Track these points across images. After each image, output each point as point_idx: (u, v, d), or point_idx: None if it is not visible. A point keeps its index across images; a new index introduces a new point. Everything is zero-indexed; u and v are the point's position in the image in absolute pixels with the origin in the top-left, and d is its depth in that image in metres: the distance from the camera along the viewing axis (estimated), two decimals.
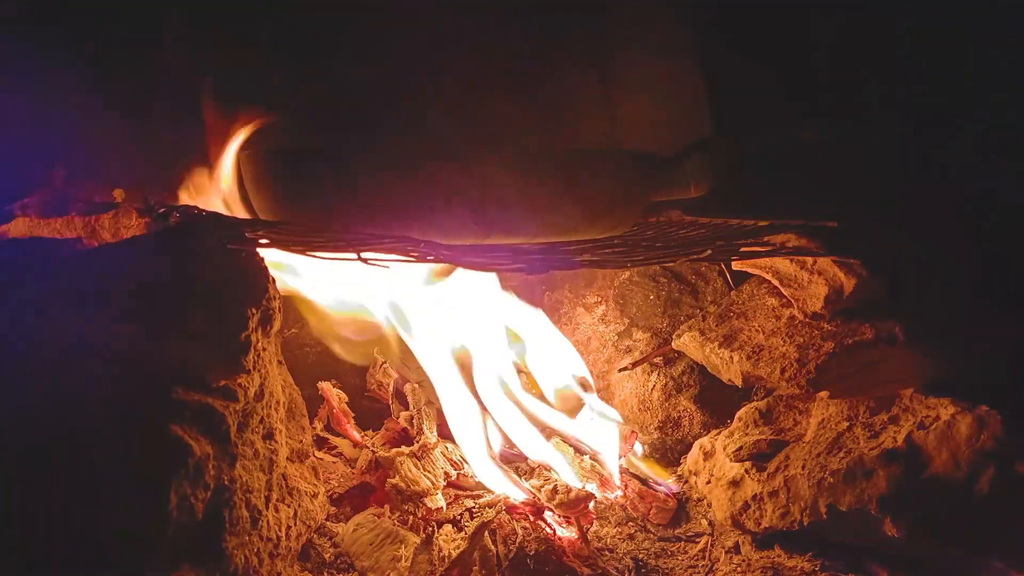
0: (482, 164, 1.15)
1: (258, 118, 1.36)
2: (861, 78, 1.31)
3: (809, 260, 1.32)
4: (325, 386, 1.65)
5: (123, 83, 1.34)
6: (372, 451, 1.50)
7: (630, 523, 1.51)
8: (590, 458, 1.58)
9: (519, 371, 1.68)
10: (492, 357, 1.62)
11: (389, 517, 1.40)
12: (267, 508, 1.17)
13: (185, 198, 1.34)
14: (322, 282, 1.47)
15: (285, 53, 1.46)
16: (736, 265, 1.56)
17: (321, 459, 1.57)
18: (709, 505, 1.53)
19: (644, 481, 1.57)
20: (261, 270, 1.18)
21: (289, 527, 1.24)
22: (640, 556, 1.41)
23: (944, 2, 1.26)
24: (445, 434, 1.60)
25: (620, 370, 1.79)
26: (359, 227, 1.14)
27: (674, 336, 1.60)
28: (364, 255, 1.04)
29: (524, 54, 1.67)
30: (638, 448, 1.68)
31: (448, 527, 1.40)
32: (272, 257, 1.22)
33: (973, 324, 1.20)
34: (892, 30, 1.29)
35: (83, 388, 0.94)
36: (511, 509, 1.43)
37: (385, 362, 1.70)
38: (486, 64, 1.64)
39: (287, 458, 1.32)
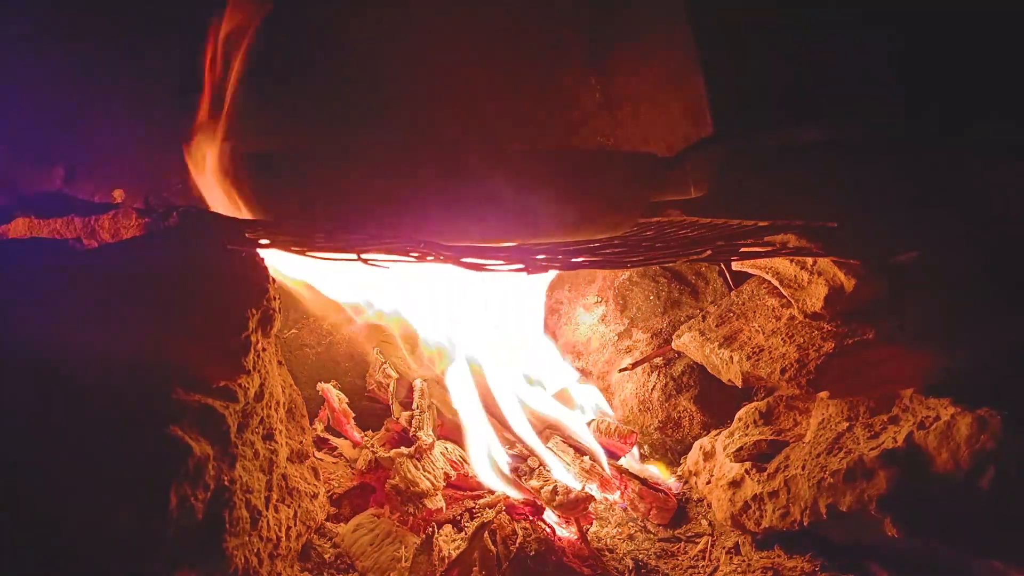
0: (481, 165, 1.15)
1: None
2: (863, 77, 1.31)
3: (809, 260, 1.32)
4: (325, 387, 1.65)
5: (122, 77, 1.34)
6: (372, 452, 1.50)
7: (630, 523, 1.51)
8: (589, 458, 1.58)
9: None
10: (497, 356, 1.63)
11: (389, 517, 1.40)
12: (267, 508, 1.16)
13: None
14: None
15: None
16: (736, 265, 1.56)
17: (321, 459, 1.57)
18: (709, 505, 1.53)
19: (644, 481, 1.57)
20: (261, 270, 1.18)
21: (289, 527, 1.24)
22: (640, 556, 1.41)
23: (945, 4, 1.26)
24: (444, 434, 1.60)
25: (620, 370, 1.79)
26: (358, 227, 1.14)
27: (674, 336, 1.60)
28: (364, 255, 1.04)
29: (524, 54, 1.67)
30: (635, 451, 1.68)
31: (448, 527, 1.40)
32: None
33: (973, 324, 1.20)
34: (891, 29, 1.29)
35: (83, 388, 0.94)
36: (511, 509, 1.43)
37: (385, 362, 1.69)
38: (486, 65, 1.64)
39: (287, 459, 1.32)
